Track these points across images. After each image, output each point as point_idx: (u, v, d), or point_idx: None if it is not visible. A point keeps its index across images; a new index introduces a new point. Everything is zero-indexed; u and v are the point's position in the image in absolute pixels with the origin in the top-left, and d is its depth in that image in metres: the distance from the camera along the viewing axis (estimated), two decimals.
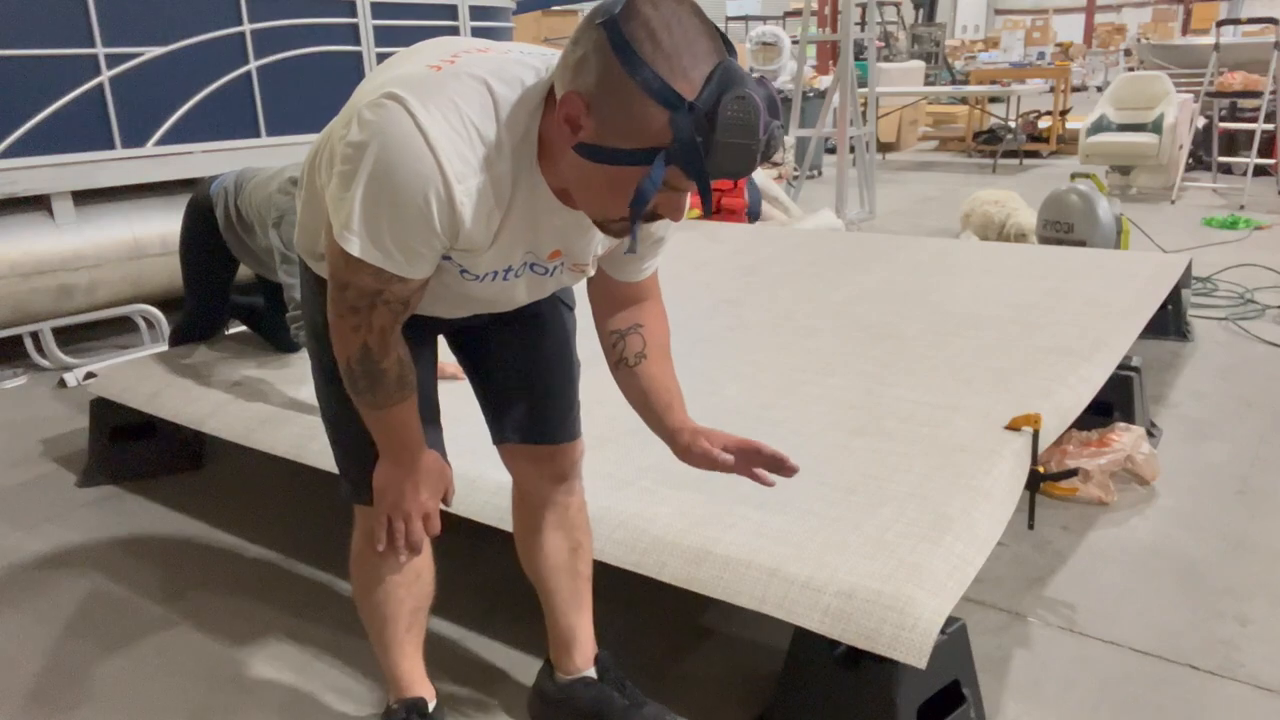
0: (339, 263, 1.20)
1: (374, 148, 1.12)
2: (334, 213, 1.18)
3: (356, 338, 1.26)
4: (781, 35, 11.13)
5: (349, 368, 1.30)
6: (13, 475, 2.97)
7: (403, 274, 1.20)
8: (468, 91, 1.15)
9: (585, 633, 1.75)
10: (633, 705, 1.70)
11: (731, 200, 6.08)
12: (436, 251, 1.20)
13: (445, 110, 1.13)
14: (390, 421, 1.35)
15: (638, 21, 1.03)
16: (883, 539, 1.71)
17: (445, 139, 1.12)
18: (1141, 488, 2.61)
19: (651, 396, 1.46)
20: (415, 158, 1.11)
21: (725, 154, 1.03)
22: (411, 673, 1.66)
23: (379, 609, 1.59)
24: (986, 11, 29.76)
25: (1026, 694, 1.82)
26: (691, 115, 1.02)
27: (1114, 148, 7.26)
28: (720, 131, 1.02)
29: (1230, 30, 9.12)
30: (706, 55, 1.04)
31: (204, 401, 2.61)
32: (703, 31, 1.05)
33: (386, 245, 1.16)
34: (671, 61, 1.03)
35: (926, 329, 2.90)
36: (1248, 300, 4.35)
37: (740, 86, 1.02)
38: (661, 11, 1.04)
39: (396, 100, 1.12)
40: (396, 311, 1.25)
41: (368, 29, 4.85)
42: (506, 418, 1.60)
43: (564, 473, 1.64)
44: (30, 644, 2.10)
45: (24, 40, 3.75)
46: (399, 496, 1.40)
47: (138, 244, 4.03)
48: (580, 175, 1.13)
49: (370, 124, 1.13)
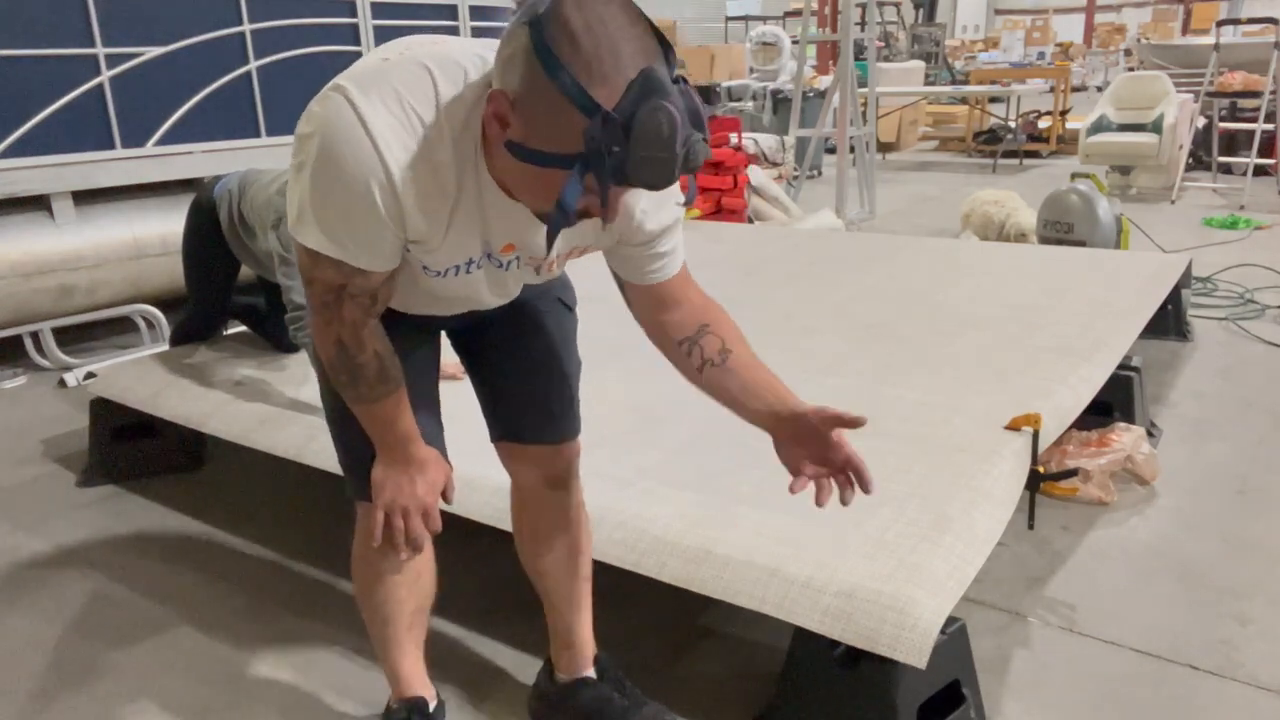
0: (303, 257, 1.23)
1: (318, 139, 1.14)
2: (290, 205, 1.21)
3: (331, 332, 1.28)
4: (781, 35, 11.11)
5: (330, 363, 1.31)
6: (13, 475, 2.97)
7: (361, 265, 1.21)
8: (410, 79, 1.15)
9: (585, 634, 1.74)
10: (632, 705, 1.70)
11: (731, 200, 6.08)
12: (391, 243, 1.20)
13: (386, 98, 1.13)
14: (380, 415, 1.36)
15: (559, 24, 1.00)
16: (883, 539, 1.71)
17: (386, 127, 1.12)
18: (1141, 488, 2.61)
19: (756, 385, 1.39)
20: (356, 146, 1.12)
21: (640, 166, 1.00)
22: (412, 672, 1.66)
23: (380, 609, 1.59)
24: (986, 11, 29.75)
25: (1026, 694, 1.83)
26: (607, 124, 0.99)
27: (1114, 148, 7.26)
28: (635, 142, 0.99)
29: (1230, 30, 9.11)
30: (632, 59, 1.00)
31: (204, 401, 2.61)
32: (630, 35, 1.01)
33: (339, 236, 1.18)
34: (591, 67, 0.99)
35: (926, 329, 2.90)
36: (1248, 300, 4.35)
37: (659, 96, 0.98)
38: (585, 13, 1.00)
39: (339, 91, 1.14)
40: (364, 305, 1.27)
41: (368, 29, 4.85)
42: (502, 416, 1.61)
43: (559, 473, 1.63)
44: (30, 644, 2.10)
45: (24, 40, 3.75)
46: (396, 491, 1.40)
47: (138, 244, 4.03)
48: (511, 171, 1.13)
49: (315, 115, 1.15)
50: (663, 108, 0.98)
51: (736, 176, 6.09)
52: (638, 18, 1.03)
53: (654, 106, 0.98)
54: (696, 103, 1.03)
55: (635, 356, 2.75)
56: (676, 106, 0.99)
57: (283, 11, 4.51)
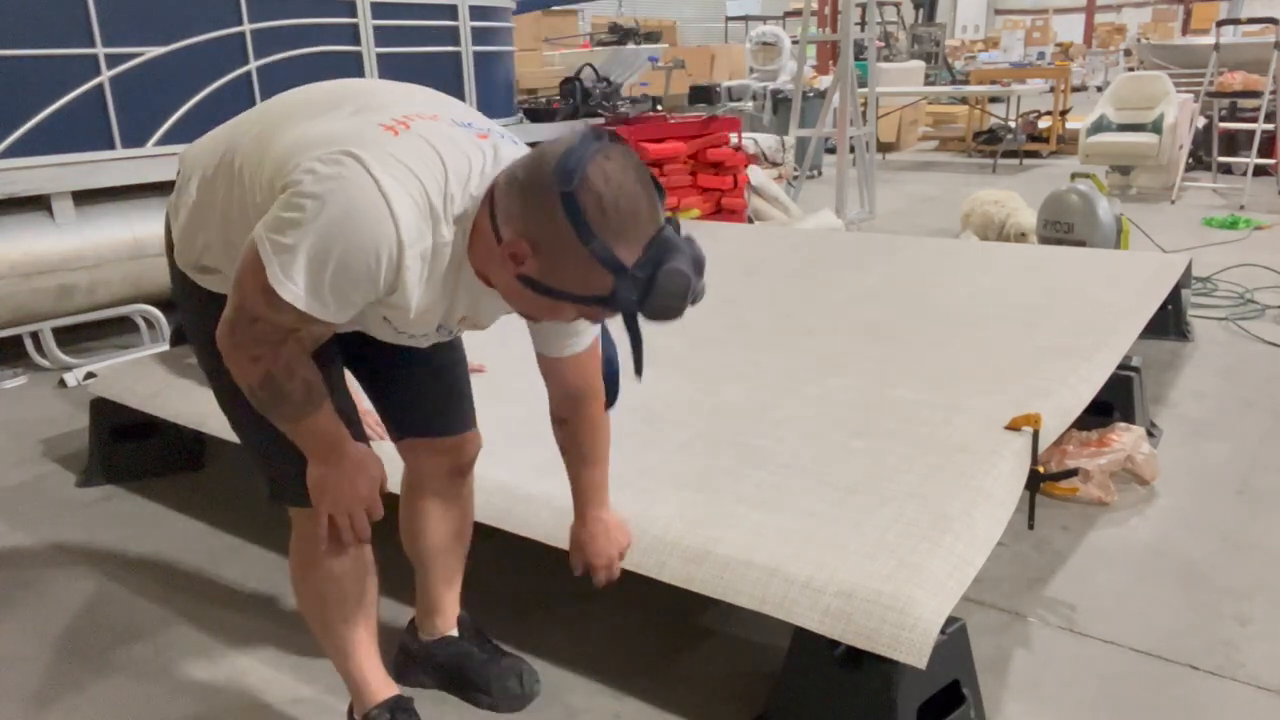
0: (257, 299, 1.22)
1: (332, 205, 1.17)
2: (271, 255, 1.19)
3: (259, 367, 1.29)
4: (781, 35, 11.11)
5: (251, 391, 1.32)
6: (13, 475, 2.97)
7: (328, 319, 1.24)
8: (425, 162, 1.22)
9: (452, 602, 1.86)
10: (491, 658, 1.83)
11: (731, 200, 6.09)
12: (368, 302, 1.26)
13: (403, 177, 1.19)
14: (309, 428, 1.37)
15: (591, 195, 1.13)
16: (883, 539, 1.70)
17: (404, 206, 1.18)
18: (1141, 488, 2.61)
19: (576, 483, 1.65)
20: (376, 220, 1.17)
21: (658, 313, 1.18)
22: (378, 673, 1.68)
23: (334, 609, 1.59)
24: (986, 11, 29.75)
25: (1026, 694, 1.82)
26: (631, 280, 1.15)
27: (1114, 148, 7.26)
28: (655, 296, 1.16)
29: (1230, 30, 9.12)
30: (648, 223, 1.16)
31: (204, 401, 2.60)
32: (644, 199, 1.16)
33: (324, 296, 1.21)
34: (617, 233, 1.14)
35: (926, 329, 2.90)
36: (1248, 300, 4.35)
37: (674, 257, 1.16)
38: (612, 186, 1.14)
39: (356, 159, 1.18)
40: (307, 347, 1.31)
41: (368, 29, 4.85)
42: (409, 416, 1.68)
43: (468, 461, 1.74)
44: (30, 644, 2.10)
45: (24, 40, 3.75)
46: (338, 493, 1.42)
47: (138, 244, 4.02)
48: (515, 293, 1.25)
49: (328, 179, 1.18)
50: (679, 271, 1.16)
51: (736, 176, 6.10)
52: (646, 178, 1.18)
53: (671, 270, 1.15)
54: (699, 252, 1.20)
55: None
56: (687, 263, 1.17)
57: (283, 11, 4.51)
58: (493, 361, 2.55)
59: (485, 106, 5.58)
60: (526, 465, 2.02)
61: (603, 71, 6.53)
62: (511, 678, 1.82)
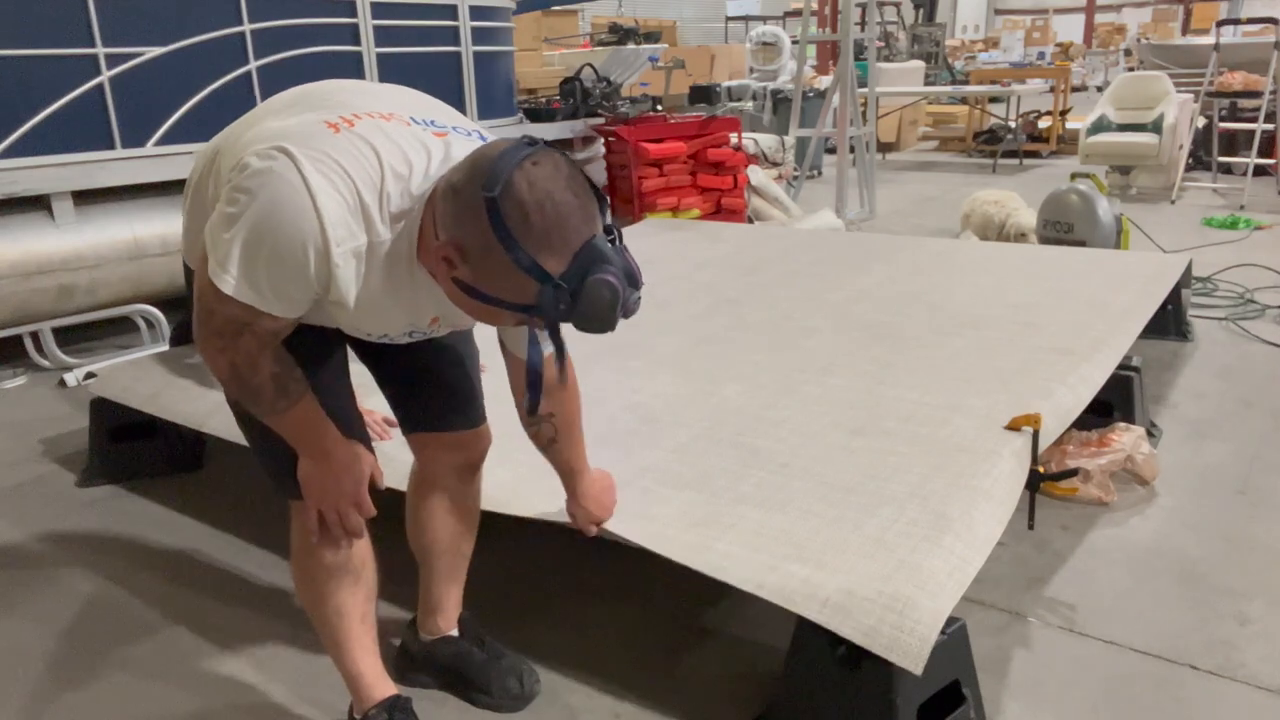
0: (208, 292, 1.24)
1: (262, 198, 1.18)
2: (212, 248, 1.22)
3: (224, 358, 1.31)
4: (781, 35, 11.11)
5: (225, 382, 1.35)
6: (13, 475, 2.97)
7: (273, 312, 1.25)
8: (359, 160, 1.22)
9: (454, 601, 1.87)
10: (491, 658, 1.83)
11: (731, 200, 6.08)
12: (309, 297, 1.26)
13: (333, 174, 1.19)
14: (291, 421, 1.39)
15: (514, 202, 1.13)
16: (883, 539, 1.70)
17: (331, 202, 1.19)
18: (1141, 488, 2.61)
19: (560, 471, 1.68)
20: (300, 214, 1.17)
21: (586, 324, 1.16)
22: (376, 671, 1.68)
23: (330, 601, 1.60)
24: (986, 11, 29.74)
25: (1026, 694, 1.83)
26: (556, 290, 1.14)
27: (1114, 148, 7.26)
28: (582, 306, 1.15)
29: (1230, 30, 9.13)
30: (576, 231, 1.15)
31: (204, 401, 2.61)
32: (575, 207, 1.15)
33: (262, 288, 1.22)
34: (541, 241, 1.13)
35: (926, 329, 2.90)
36: (1248, 300, 4.35)
37: (602, 268, 1.14)
38: (536, 192, 1.13)
39: (287, 155, 1.19)
40: (264, 341, 1.30)
41: (368, 29, 4.85)
42: (420, 410, 1.68)
43: (478, 457, 1.75)
44: (30, 644, 2.10)
45: (24, 40, 3.75)
46: (324, 487, 1.44)
47: (138, 244, 4.02)
48: (454, 295, 1.25)
49: (259, 173, 1.19)
50: (605, 282, 1.13)
51: (736, 176, 6.10)
52: (580, 186, 1.17)
53: (597, 282, 1.13)
54: (632, 264, 1.19)
55: (635, 356, 2.75)
56: (616, 275, 1.15)
57: (283, 11, 4.50)
58: (493, 361, 2.55)
59: (485, 106, 5.58)
60: (526, 465, 2.01)
61: (603, 71, 6.53)
62: (511, 678, 1.82)
